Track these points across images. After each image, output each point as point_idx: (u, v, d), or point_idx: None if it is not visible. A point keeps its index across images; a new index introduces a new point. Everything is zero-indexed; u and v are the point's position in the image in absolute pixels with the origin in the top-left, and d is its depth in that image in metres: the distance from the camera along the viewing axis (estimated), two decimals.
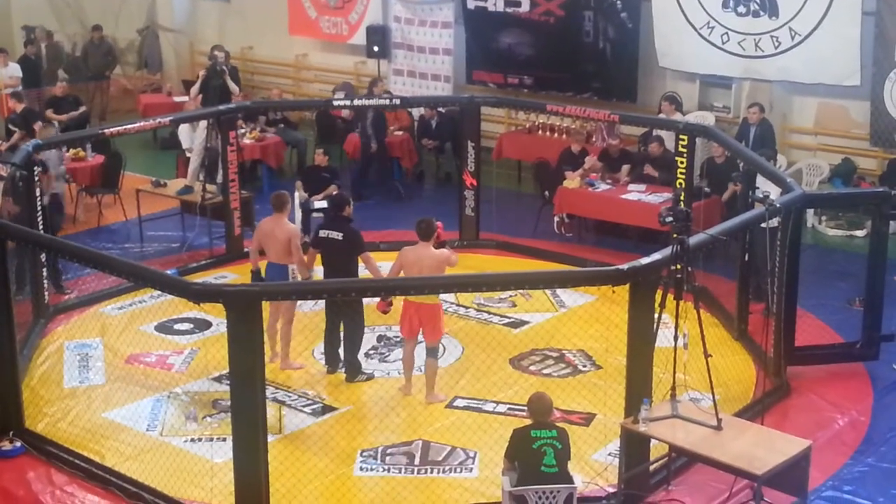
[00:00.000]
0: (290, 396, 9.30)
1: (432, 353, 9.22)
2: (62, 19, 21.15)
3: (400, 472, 8.19)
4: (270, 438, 7.57)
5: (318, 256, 9.63)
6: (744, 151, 11.27)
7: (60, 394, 9.39)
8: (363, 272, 9.61)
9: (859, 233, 13.18)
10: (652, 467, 7.94)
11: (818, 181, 13.84)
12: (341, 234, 9.49)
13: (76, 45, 20.79)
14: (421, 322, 9.13)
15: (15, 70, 17.41)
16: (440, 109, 15.77)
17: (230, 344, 7.17)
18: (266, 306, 7.68)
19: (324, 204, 13.18)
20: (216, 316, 9.90)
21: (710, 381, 7.56)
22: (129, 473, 8.05)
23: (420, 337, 9.25)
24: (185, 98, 16.72)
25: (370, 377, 9.59)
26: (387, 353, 10.13)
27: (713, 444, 7.30)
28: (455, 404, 9.18)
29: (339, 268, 9.36)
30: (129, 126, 12.28)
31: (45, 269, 10.79)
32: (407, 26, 17.19)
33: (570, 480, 7.02)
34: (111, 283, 11.04)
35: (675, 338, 7.52)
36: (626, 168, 13.43)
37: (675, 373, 7.59)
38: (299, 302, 9.88)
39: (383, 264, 9.65)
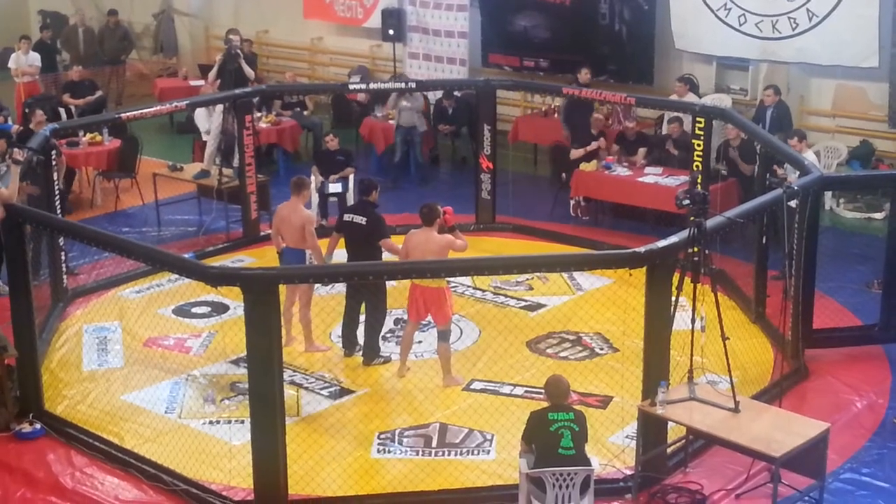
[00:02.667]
0: (307, 379, 9.33)
1: (443, 336, 9.23)
2: (79, 3, 21.18)
3: (417, 455, 8.21)
4: (288, 421, 7.60)
5: (342, 240, 9.65)
6: (761, 134, 11.22)
7: (79, 377, 9.44)
8: (388, 257, 9.62)
9: (878, 215, 13.13)
10: (669, 450, 7.95)
11: (836, 163, 13.78)
12: (365, 219, 9.51)
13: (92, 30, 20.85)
14: (427, 306, 9.14)
15: (35, 59, 17.47)
16: (456, 94, 15.72)
17: (247, 327, 7.20)
18: (282, 290, 7.70)
19: (339, 187, 13.20)
20: (233, 299, 9.94)
21: (728, 364, 7.55)
22: (148, 455, 8.10)
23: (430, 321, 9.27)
24: (201, 82, 16.74)
25: (387, 360, 9.61)
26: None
27: (731, 427, 7.30)
28: (472, 387, 9.20)
29: (361, 252, 9.38)
30: (145, 110, 12.31)
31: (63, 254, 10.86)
32: (422, 9, 17.15)
33: (587, 463, 7.03)
34: (129, 266, 11.10)
35: (693, 321, 7.52)
36: (642, 151, 13.38)
37: (692, 355, 7.59)
38: (316, 285, 9.91)
39: None
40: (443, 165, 16.11)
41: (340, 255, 9.78)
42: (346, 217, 9.67)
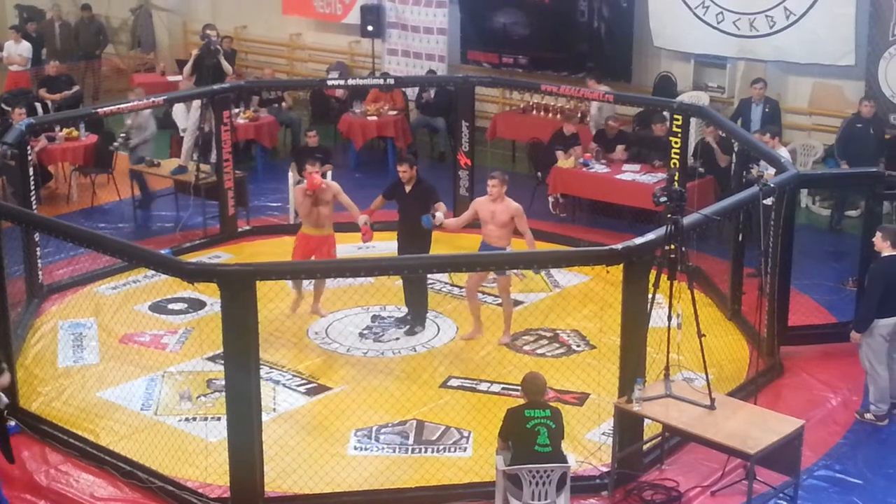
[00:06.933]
0: (284, 376, 9.31)
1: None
2: None
3: (394, 452, 8.22)
4: (265, 418, 7.58)
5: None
6: (738, 131, 11.26)
7: (55, 373, 9.39)
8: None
9: (852, 213, 13.19)
10: (645, 447, 7.97)
11: (812, 161, 13.84)
12: None
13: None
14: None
15: (25, 49, 17.50)
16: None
17: (224, 324, 7.17)
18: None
19: None
20: (210, 296, 9.91)
21: (704, 361, 7.58)
22: (123, 452, 8.06)
23: None
24: (179, 77, 16.67)
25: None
26: (381, 333, 10.15)
27: (706, 424, 7.33)
28: (449, 384, 9.20)
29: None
30: (122, 105, 12.27)
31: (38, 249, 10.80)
32: (401, 5, 17.13)
33: (563, 460, 7.05)
34: (105, 262, 11.04)
35: (669, 318, 7.54)
36: (620, 148, 13.41)
37: (668, 353, 7.61)
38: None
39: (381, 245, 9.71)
40: (421, 161, 16.04)
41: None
42: None
